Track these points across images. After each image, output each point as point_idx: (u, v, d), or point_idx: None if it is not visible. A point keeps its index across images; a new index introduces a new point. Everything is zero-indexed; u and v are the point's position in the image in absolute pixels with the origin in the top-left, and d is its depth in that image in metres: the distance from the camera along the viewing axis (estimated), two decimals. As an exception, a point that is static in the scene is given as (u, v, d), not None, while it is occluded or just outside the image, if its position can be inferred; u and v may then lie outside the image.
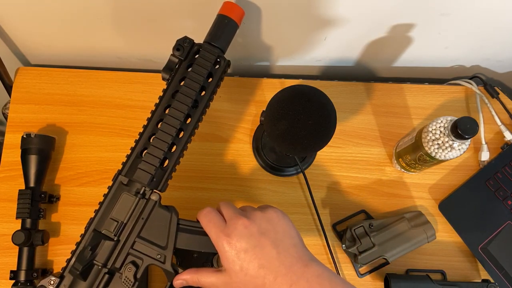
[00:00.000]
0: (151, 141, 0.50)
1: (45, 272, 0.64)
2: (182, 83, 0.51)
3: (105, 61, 0.77)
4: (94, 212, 0.49)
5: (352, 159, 0.72)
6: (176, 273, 0.48)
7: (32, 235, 0.61)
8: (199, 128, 0.52)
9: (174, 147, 0.51)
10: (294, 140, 0.53)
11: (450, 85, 0.77)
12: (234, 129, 0.72)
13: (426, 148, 0.60)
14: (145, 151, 0.50)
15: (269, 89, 0.74)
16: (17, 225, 0.62)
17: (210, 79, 0.53)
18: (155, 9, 0.63)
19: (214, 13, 0.57)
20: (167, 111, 0.51)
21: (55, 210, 0.67)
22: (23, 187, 0.64)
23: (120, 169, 0.50)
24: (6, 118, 0.73)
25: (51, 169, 0.68)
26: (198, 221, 0.48)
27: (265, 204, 0.49)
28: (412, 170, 0.68)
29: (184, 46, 0.52)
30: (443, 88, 0.76)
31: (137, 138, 0.51)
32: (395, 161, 0.70)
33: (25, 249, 0.61)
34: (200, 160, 0.70)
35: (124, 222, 0.48)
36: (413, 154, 0.64)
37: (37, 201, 0.63)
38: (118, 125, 0.71)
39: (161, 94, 0.53)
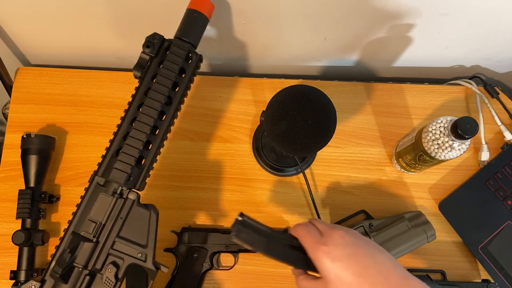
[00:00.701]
0: (126, 140, 0.50)
1: (45, 272, 0.64)
2: (154, 81, 0.51)
3: (105, 61, 0.77)
4: (72, 214, 0.49)
5: (352, 159, 0.72)
6: (158, 270, 0.48)
7: (32, 235, 0.61)
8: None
9: (150, 145, 0.51)
10: (294, 140, 0.53)
11: (450, 85, 0.77)
12: (234, 129, 0.72)
13: (426, 148, 0.60)
14: (120, 151, 0.49)
15: (269, 89, 0.74)
16: (17, 225, 0.62)
17: (183, 75, 0.52)
18: (155, 9, 0.63)
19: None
20: (140, 110, 0.50)
21: (55, 210, 0.67)
22: (23, 187, 0.64)
23: (96, 170, 0.50)
24: (6, 118, 0.73)
25: (51, 169, 0.68)
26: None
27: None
28: (412, 170, 0.68)
29: (154, 42, 0.51)
30: (443, 88, 0.76)
31: (111, 138, 0.51)
32: (395, 161, 0.70)
33: (25, 249, 0.61)
34: (200, 160, 0.70)
35: (103, 222, 0.48)
36: (413, 154, 0.64)
37: (37, 201, 0.63)
38: (118, 125, 0.71)
39: (134, 92, 0.52)
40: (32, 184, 0.64)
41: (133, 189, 0.50)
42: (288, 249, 0.47)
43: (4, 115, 0.75)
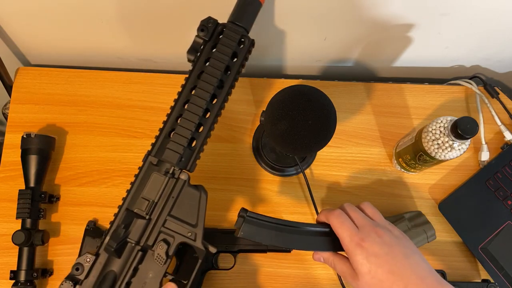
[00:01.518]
0: (178, 122, 0.51)
1: (45, 272, 0.64)
2: (207, 64, 0.52)
3: (105, 61, 0.77)
4: (126, 192, 0.50)
5: (352, 159, 0.72)
6: (207, 250, 0.49)
7: (32, 235, 0.61)
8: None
9: (201, 127, 0.52)
10: (294, 140, 0.53)
11: (450, 85, 0.77)
12: (234, 129, 0.72)
13: (426, 148, 0.60)
14: (173, 132, 0.50)
15: (269, 89, 0.74)
16: (17, 225, 0.62)
17: (235, 59, 0.53)
18: (155, 9, 0.63)
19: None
20: (193, 92, 0.51)
21: (55, 210, 0.67)
22: (23, 187, 0.64)
23: (149, 150, 0.51)
24: (6, 118, 0.73)
25: (51, 169, 0.68)
26: (296, 222, 0.49)
27: (388, 221, 0.51)
28: (412, 170, 0.68)
29: (208, 26, 0.52)
30: (443, 88, 0.76)
31: (164, 120, 0.52)
32: (395, 161, 0.70)
33: (25, 249, 0.61)
34: (200, 160, 0.70)
35: (155, 201, 0.49)
36: (413, 154, 0.64)
37: (37, 201, 0.63)
38: (118, 125, 0.72)
39: (187, 76, 0.53)
40: (32, 184, 0.64)
41: (184, 170, 0.51)
42: (306, 235, 0.48)
43: (4, 115, 0.75)
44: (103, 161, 0.70)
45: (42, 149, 0.64)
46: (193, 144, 0.52)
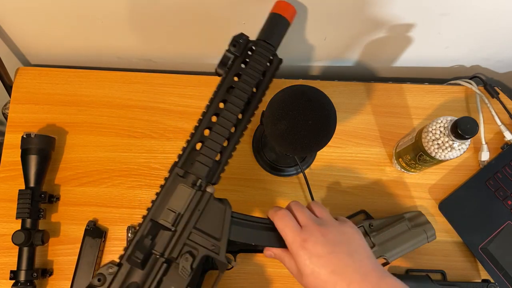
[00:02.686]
0: (207, 134, 0.51)
1: (45, 272, 0.64)
2: (236, 79, 0.52)
3: (105, 61, 0.77)
4: (151, 202, 0.50)
5: (352, 159, 0.72)
6: (229, 263, 0.49)
7: (32, 235, 0.61)
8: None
9: (226, 141, 0.52)
10: (294, 140, 0.53)
11: (450, 85, 0.77)
12: (234, 129, 0.72)
13: (426, 148, 0.60)
14: (202, 144, 0.50)
15: (269, 89, 0.74)
16: (17, 225, 0.62)
17: (263, 77, 0.54)
18: (155, 9, 0.63)
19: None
20: (222, 105, 0.51)
21: (55, 210, 0.67)
22: (23, 187, 0.64)
23: (176, 161, 0.51)
24: (6, 118, 0.73)
25: (51, 169, 0.68)
26: (251, 216, 0.50)
27: (342, 217, 0.50)
28: (412, 170, 0.68)
29: (239, 42, 0.52)
30: (443, 88, 0.76)
31: (192, 132, 0.52)
32: (395, 161, 0.70)
33: (25, 249, 0.61)
34: (200, 160, 0.70)
35: (181, 213, 0.49)
36: (413, 154, 0.64)
37: (37, 201, 0.63)
38: (118, 125, 0.71)
39: (215, 89, 0.53)
40: (32, 184, 0.64)
41: (209, 183, 0.51)
42: (261, 230, 0.49)
43: (4, 115, 0.75)
44: (103, 161, 0.70)
45: (42, 149, 0.64)
46: (217, 158, 0.51)
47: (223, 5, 0.62)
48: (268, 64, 0.54)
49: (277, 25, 0.55)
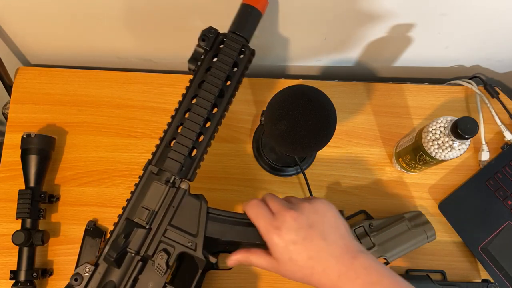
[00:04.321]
0: (179, 131, 0.51)
1: (45, 272, 0.64)
2: (208, 73, 0.52)
3: (105, 61, 0.77)
4: (126, 201, 0.50)
5: (352, 159, 0.72)
6: (207, 260, 0.49)
7: (32, 235, 0.61)
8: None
9: (202, 136, 0.52)
10: (294, 140, 0.53)
11: (450, 85, 0.77)
12: (234, 129, 0.72)
13: (426, 148, 0.60)
14: (174, 141, 0.50)
15: (269, 89, 0.74)
16: (17, 225, 0.62)
17: (235, 69, 0.53)
18: (155, 9, 0.63)
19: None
20: (194, 101, 0.51)
21: (55, 210, 0.67)
22: (23, 187, 0.64)
23: (150, 159, 0.51)
24: (6, 118, 0.73)
25: (51, 169, 0.68)
26: (228, 211, 0.49)
27: (312, 196, 0.49)
28: (412, 170, 0.68)
29: (209, 36, 0.52)
30: (443, 88, 0.76)
31: (165, 129, 0.52)
32: (395, 161, 0.70)
33: (25, 249, 0.61)
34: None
35: (156, 210, 0.49)
36: (413, 154, 0.64)
37: (37, 201, 0.63)
38: (118, 125, 0.71)
39: (188, 84, 0.53)
40: (32, 184, 0.64)
41: (184, 179, 0.51)
42: (240, 226, 0.48)
43: (4, 115, 0.75)
44: (103, 161, 0.70)
45: (42, 149, 0.64)
46: (193, 153, 0.52)
47: (223, 5, 0.61)
48: (240, 55, 0.53)
49: (248, 16, 0.55)
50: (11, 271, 0.61)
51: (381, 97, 0.75)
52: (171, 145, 0.51)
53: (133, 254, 0.48)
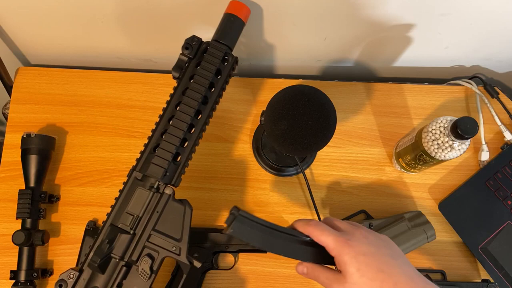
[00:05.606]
0: (163, 137, 0.51)
1: (45, 272, 0.64)
2: (191, 81, 0.52)
3: (105, 61, 0.77)
4: (111, 207, 0.50)
5: (352, 159, 0.72)
6: (192, 264, 0.49)
7: (32, 235, 0.61)
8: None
9: (186, 142, 0.52)
10: (294, 140, 0.53)
11: (450, 85, 0.77)
12: (234, 129, 0.72)
13: (426, 148, 0.60)
14: (158, 147, 0.51)
15: (269, 89, 0.74)
16: (17, 225, 0.62)
17: (219, 76, 0.54)
18: (155, 9, 0.63)
19: (220, 13, 0.57)
20: (178, 108, 0.52)
21: (55, 210, 0.67)
22: (23, 187, 0.64)
23: (134, 165, 0.51)
24: (6, 118, 0.73)
25: (51, 169, 0.68)
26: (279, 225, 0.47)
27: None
28: (412, 170, 0.68)
29: (192, 44, 0.53)
30: (443, 88, 0.76)
31: (149, 135, 0.52)
32: (395, 161, 0.70)
33: (25, 249, 0.61)
34: (200, 160, 0.70)
35: (140, 216, 0.50)
36: (413, 154, 0.64)
37: (37, 201, 0.63)
38: (118, 125, 0.72)
39: (172, 92, 0.54)
40: (32, 184, 0.64)
41: (169, 185, 0.51)
42: (294, 243, 0.47)
43: (4, 115, 0.75)
44: (103, 161, 0.70)
45: (42, 149, 0.64)
46: (178, 159, 0.52)
47: (223, 5, 0.62)
48: (223, 63, 0.54)
49: (230, 24, 0.56)
50: (11, 271, 0.61)
51: (381, 97, 0.75)
52: (156, 151, 0.51)
53: (117, 260, 0.49)
